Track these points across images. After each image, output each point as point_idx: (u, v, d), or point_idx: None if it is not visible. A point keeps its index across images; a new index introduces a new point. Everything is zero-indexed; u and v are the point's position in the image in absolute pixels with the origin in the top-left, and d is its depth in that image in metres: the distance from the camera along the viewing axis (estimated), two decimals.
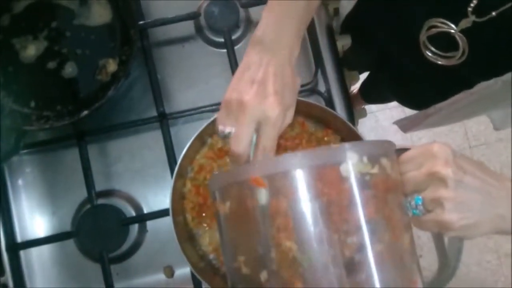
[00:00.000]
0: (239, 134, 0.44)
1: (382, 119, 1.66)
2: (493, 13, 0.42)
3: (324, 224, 0.34)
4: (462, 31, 0.46)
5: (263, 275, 0.35)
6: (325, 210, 0.34)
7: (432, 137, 1.67)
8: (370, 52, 0.78)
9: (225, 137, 0.45)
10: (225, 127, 0.45)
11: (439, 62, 0.51)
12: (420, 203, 0.38)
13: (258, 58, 0.44)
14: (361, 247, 0.34)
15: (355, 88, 1.40)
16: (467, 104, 0.55)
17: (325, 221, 0.34)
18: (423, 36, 0.51)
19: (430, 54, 0.52)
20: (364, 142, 0.37)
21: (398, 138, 1.68)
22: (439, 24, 0.48)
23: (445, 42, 0.50)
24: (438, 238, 0.45)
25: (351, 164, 0.35)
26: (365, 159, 0.36)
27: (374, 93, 1.21)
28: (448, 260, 0.44)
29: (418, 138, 1.67)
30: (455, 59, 0.49)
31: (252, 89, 0.43)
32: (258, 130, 0.44)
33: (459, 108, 0.57)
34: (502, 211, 0.38)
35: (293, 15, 0.46)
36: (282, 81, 0.44)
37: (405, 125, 0.77)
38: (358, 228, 0.35)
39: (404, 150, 0.41)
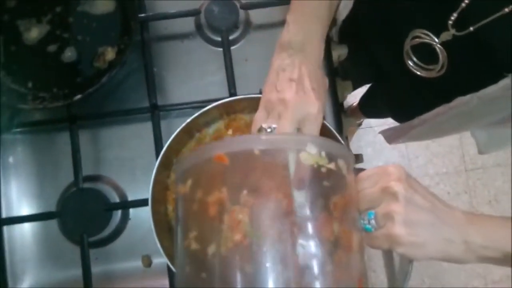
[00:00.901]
0: (281, 128, 0.44)
1: (380, 135, 1.67)
2: (471, 28, 0.43)
3: (276, 201, 0.35)
4: (443, 44, 0.48)
5: (211, 249, 0.36)
6: (278, 189, 0.36)
7: (429, 157, 1.68)
8: (365, 62, 0.79)
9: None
10: (268, 125, 0.45)
11: (419, 73, 0.52)
12: (372, 217, 0.40)
13: (291, 60, 0.46)
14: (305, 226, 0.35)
15: (355, 101, 1.41)
16: (449, 119, 0.56)
17: (277, 199, 0.35)
18: (407, 45, 0.53)
19: (411, 64, 0.53)
20: (325, 139, 0.39)
21: (395, 155, 1.69)
22: (422, 35, 0.50)
23: (427, 54, 0.51)
24: (388, 258, 0.46)
25: (310, 154, 0.37)
26: (323, 153, 0.38)
27: (371, 107, 1.22)
28: (396, 281, 0.45)
29: (415, 156, 1.67)
30: (434, 71, 0.50)
31: (292, 87, 0.45)
32: (301, 127, 0.45)
33: (441, 122, 0.58)
34: (450, 236, 0.39)
35: (318, 16, 0.48)
36: (315, 79, 0.46)
37: (389, 136, 0.78)
38: (304, 210, 0.36)
39: (361, 170, 0.43)
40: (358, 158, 0.77)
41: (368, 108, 1.26)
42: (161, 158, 0.59)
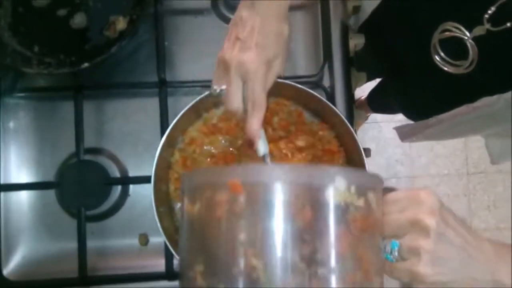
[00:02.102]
0: (228, 91, 0.45)
1: (385, 131, 1.65)
2: (508, 24, 0.41)
3: (294, 249, 0.32)
4: (474, 39, 0.46)
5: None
6: (297, 234, 0.32)
7: (433, 158, 1.66)
8: (382, 57, 0.77)
9: (219, 95, 0.47)
10: (219, 86, 0.46)
11: (446, 69, 0.50)
12: (396, 248, 0.36)
13: (246, 13, 0.45)
14: (328, 281, 0.32)
15: (363, 95, 1.39)
16: (469, 120, 0.54)
17: (295, 245, 0.32)
18: (434, 39, 0.50)
19: (438, 59, 0.51)
20: (354, 170, 0.36)
21: (398, 152, 1.67)
22: (453, 29, 0.47)
23: (455, 49, 0.49)
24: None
25: (337, 190, 0.33)
26: (353, 188, 0.34)
27: (380, 101, 1.20)
28: None
29: (418, 156, 1.66)
30: (462, 68, 0.48)
31: (235, 46, 0.44)
32: (245, 85, 0.45)
33: (460, 123, 0.57)
34: (476, 274, 0.37)
35: None
36: (264, 32, 0.44)
37: (404, 133, 0.76)
38: (328, 261, 0.33)
39: (390, 189, 0.39)
40: (366, 152, 0.75)
41: (377, 103, 1.24)
42: (167, 136, 0.57)
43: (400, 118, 1.63)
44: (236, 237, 0.33)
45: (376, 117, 1.61)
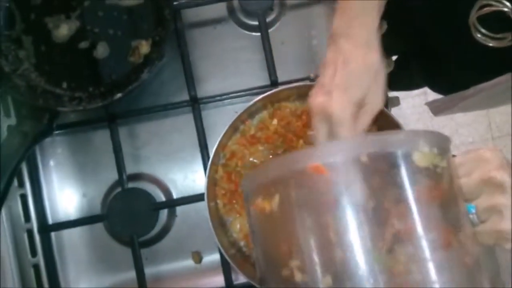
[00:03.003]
0: (314, 139, 0.44)
1: (404, 107, 1.63)
2: None
3: (389, 218, 0.31)
4: None
5: (326, 281, 0.30)
6: (393, 201, 0.31)
7: (454, 127, 1.64)
8: (407, 36, 0.75)
9: None
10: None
11: (490, 44, 0.49)
12: (473, 211, 0.35)
13: (330, 54, 0.43)
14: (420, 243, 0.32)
15: None
16: (509, 88, 0.52)
17: (389, 215, 0.31)
18: (473, 17, 0.49)
19: (480, 36, 0.49)
20: (431, 132, 0.35)
21: (420, 127, 1.65)
22: (493, 3, 0.46)
23: (495, 22, 0.47)
24: (490, 252, 0.42)
25: (423, 153, 0.32)
26: (435, 150, 0.33)
27: (400, 79, 1.18)
28: (501, 276, 0.41)
29: (440, 127, 1.64)
30: (507, 40, 0.47)
31: (319, 91, 0.42)
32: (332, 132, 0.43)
33: (499, 92, 0.55)
34: None
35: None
36: (346, 71, 0.42)
37: (437, 107, 0.74)
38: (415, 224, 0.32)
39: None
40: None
41: (397, 80, 1.22)
42: (213, 155, 0.57)
43: (416, 92, 1.61)
44: (331, 218, 0.31)
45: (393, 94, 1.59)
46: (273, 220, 0.35)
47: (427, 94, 1.55)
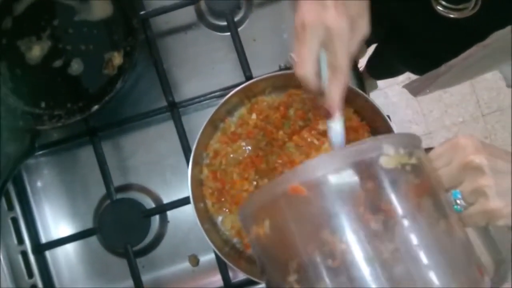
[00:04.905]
0: (299, 55, 0.40)
1: (391, 95, 1.64)
2: None
3: (369, 223, 0.32)
4: None
5: (323, 284, 0.32)
6: (371, 208, 0.33)
7: (443, 109, 1.65)
8: (378, 21, 0.76)
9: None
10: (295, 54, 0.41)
11: (451, 16, 0.50)
12: (459, 196, 0.37)
13: None
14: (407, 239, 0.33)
15: (361, 66, 1.38)
16: (480, 58, 0.53)
17: (369, 220, 0.32)
18: None
19: (441, 8, 0.50)
20: (395, 134, 0.36)
21: (409, 113, 1.66)
22: None
23: None
24: (485, 234, 0.43)
25: (389, 156, 0.34)
26: (401, 150, 0.34)
27: (382, 67, 1.19)
28: (502, 255, 0.42)
29: (429, 111, 1.65)
30: (468, 10, 0.48)
31: (312, 6, 0.39)
32: (326, 49, 0.40)
33: (471, 64, 0.56)
34: None
35: None
36: None
37: (415, 88, 0.75)
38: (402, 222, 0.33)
39: (428, 150, 0.39)
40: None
41: (378, 69, 1.23)
42: (193, 155, 0.57)
43: (402, 79, 1.62)
44: (318, 232, 0.33)
45: (379, 84, 1.60)
46: (269, 243, 0.37)
47: (411, 79, 1.57)
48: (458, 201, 0.37)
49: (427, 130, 1.64)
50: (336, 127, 0.44)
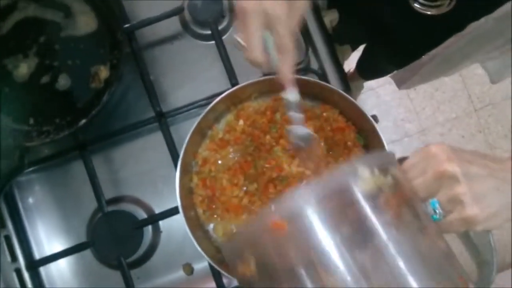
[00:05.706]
0: (247, 41, 0.43)
1: (383, 95, 1.65)
2: None
3: (354, 248, 0.32)
4: None
5: None
6: (351, 236, 0.33)
7: (436, 105, 1.66)
8: (360, 22, 0.77)
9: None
10: (241, 37, 0.44)
11: (429, 13, 0.51)
12: (437, 206, 0.37)
13: None
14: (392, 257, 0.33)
15: (352, 67, 1.39)
16: (460, 48, 0.54)
17: (353, 246, 0.33)
18: None
19: (418, 6, 0.51)
20: (369, 155, 0.37)
21: (401, 111, 1.66)
22: None
23: None
24: (466, 238, 0.43)
25: (364, 179, 0.34)
26: (376, 171, 0.35)
27: (371, 68, 1.20)
28: (484, 256, 0.42)
29: (422, 108, 1.65)
30: (444, 6, 0.48)
31: None
32: (270, 30, 0.43)
33: (452, 53, 0.56)
34: None
35: None
36: None
37: (400, 79, 0.76)
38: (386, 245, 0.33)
39: (403, 159, 0.40)
40: (374, 118, 0.76)
41: (367, 69, 1.24)
42: (180, 164, 0.58)
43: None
44: (304, 267, 0.33)
45: (371, 85, 1.61)
46: (255, 281, 0.37)
47: None
48: (436, 210, 0.37)
49: (420, 128, 1.65)
50: (291, 96, 0.48)
